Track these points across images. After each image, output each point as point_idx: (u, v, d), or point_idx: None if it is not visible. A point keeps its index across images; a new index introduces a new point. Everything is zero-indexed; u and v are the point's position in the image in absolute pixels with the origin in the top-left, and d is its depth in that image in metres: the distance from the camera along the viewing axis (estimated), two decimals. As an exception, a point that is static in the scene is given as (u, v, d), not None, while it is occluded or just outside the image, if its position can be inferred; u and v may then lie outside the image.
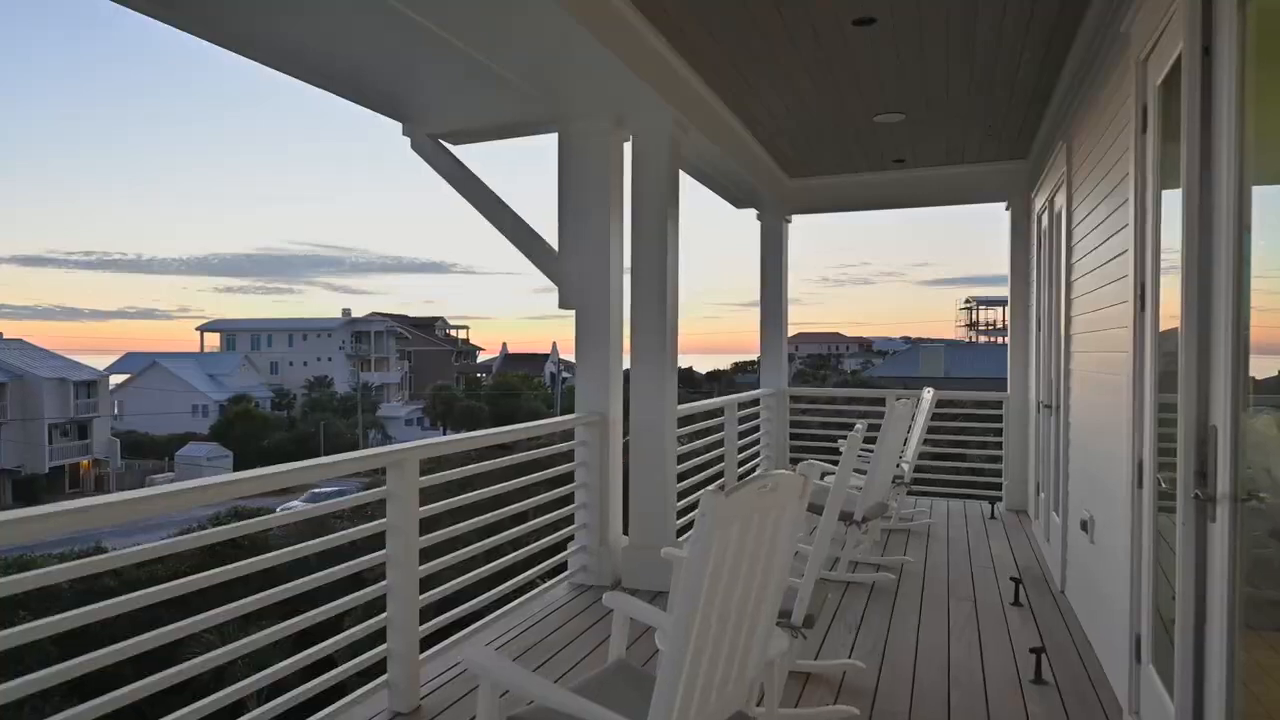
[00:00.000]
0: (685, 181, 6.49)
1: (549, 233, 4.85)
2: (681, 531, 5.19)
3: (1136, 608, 2.90)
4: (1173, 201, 2.63)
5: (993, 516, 6.72)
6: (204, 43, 4.19)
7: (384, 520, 3.10)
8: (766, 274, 7.90)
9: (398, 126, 5.15)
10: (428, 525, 3.52)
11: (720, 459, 6.56)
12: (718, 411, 6.49)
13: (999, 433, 7.24)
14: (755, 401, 7.65)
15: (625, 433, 4.93)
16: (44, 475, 38.42)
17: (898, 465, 5.77)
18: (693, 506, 5.88)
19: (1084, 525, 3.93)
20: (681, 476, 5.72)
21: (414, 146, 5.16)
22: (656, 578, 4.54)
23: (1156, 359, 2.75)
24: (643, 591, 4.59)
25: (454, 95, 4.78)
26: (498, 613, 4.01)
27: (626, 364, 4.91)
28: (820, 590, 3.18)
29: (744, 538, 1.95)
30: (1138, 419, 2.90)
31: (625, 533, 4.92)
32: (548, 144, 4.91)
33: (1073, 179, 4.52)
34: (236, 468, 42.11)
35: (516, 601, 4.19)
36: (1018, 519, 6.66)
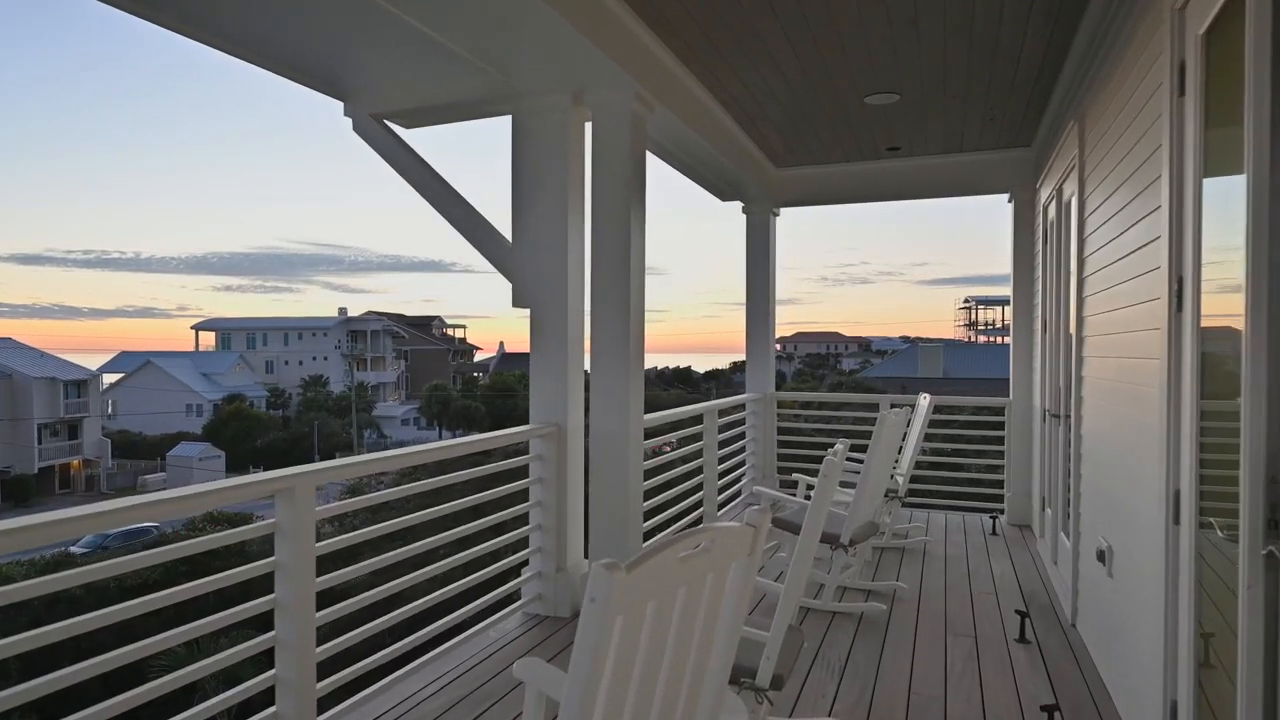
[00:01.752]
0: (673, 176, 6.03)
1: (508, 227, 4.36)
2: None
3: (1171, 668, 2.40)
4: (1218, 181, 2.14)
5: (994, 532, 6.22)
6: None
7: (271, 559, 2.60)
8: (752, 271, 7.37)
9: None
10: (349, 556, 3.04)
11: (700, 470, 6.07)
12: (696, 419, 5.98)
13: (1000, 440, 6.73)
14: (740, 407, 7.16)
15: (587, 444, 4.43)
16: (33, 476, 37.90)
17: (891, 478, 5.28)
18: (664, 525, 5.38)
19: (1100, 556, 3.43)
20: (658, 490, 5.24)
21: (356, 128, 4.66)
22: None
23: (1197, 369, 2.25)
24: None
25: (396, 70, 4.29)
26: (431, 653, 3.49)
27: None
28: (794, 640, 2.68)
29: (664, 615, 1.45)
30: (1173, 440, 2.41)
31: (586, 556, 4.42)
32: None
33: (1085, 161, 4.01)
34: (229, 468, 41.71)
35: (457, 639, 3.67)
36: (1021, 534, 6.16)
